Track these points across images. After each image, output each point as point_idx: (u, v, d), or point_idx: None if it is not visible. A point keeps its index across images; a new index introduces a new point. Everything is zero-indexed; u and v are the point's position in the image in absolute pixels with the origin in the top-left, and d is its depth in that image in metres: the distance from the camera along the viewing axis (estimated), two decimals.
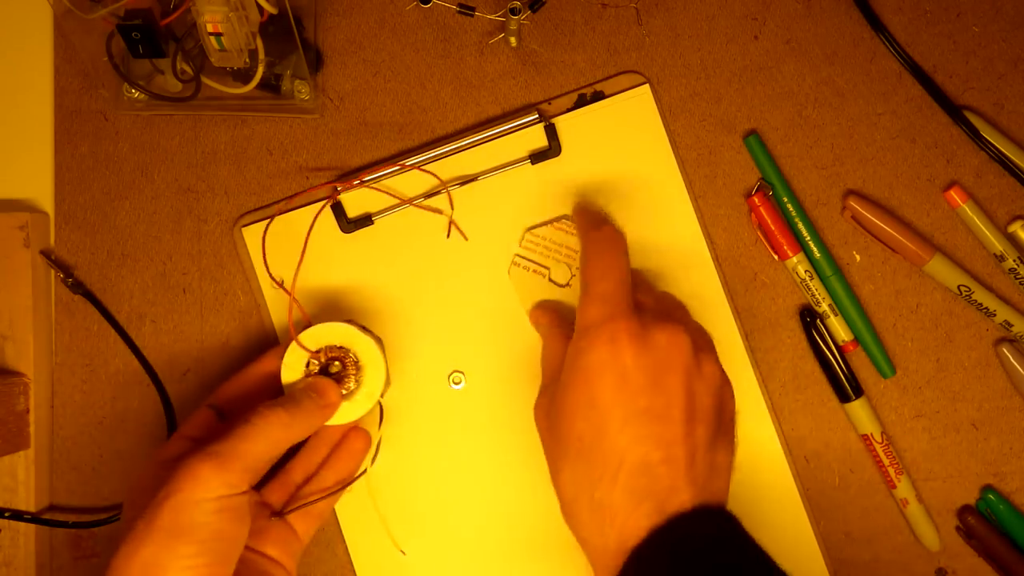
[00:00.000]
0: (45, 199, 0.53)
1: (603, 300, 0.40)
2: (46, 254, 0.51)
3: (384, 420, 0.50)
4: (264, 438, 0.40)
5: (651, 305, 0.43)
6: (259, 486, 0.46)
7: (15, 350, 0.50)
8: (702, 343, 0.42)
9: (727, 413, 0.41)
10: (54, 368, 0.52)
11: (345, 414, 0.45)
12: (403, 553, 0.50)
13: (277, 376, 0.45)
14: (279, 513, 0.46)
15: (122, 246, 0.52)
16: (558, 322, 0.47)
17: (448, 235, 0.50)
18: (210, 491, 0.38)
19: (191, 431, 0.45)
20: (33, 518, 0.50)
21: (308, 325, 0.46)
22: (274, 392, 0.45)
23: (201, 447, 0.39)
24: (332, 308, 0.50)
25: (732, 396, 0.42)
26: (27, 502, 0.50)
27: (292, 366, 0.45)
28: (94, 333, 0.52)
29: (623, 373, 0.38)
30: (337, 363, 0.45)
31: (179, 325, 0.52)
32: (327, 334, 0.46)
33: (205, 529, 0.38)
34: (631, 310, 0.40)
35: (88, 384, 0.52)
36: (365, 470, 0.49)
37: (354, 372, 0.46)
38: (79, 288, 0.51)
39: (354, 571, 0.50)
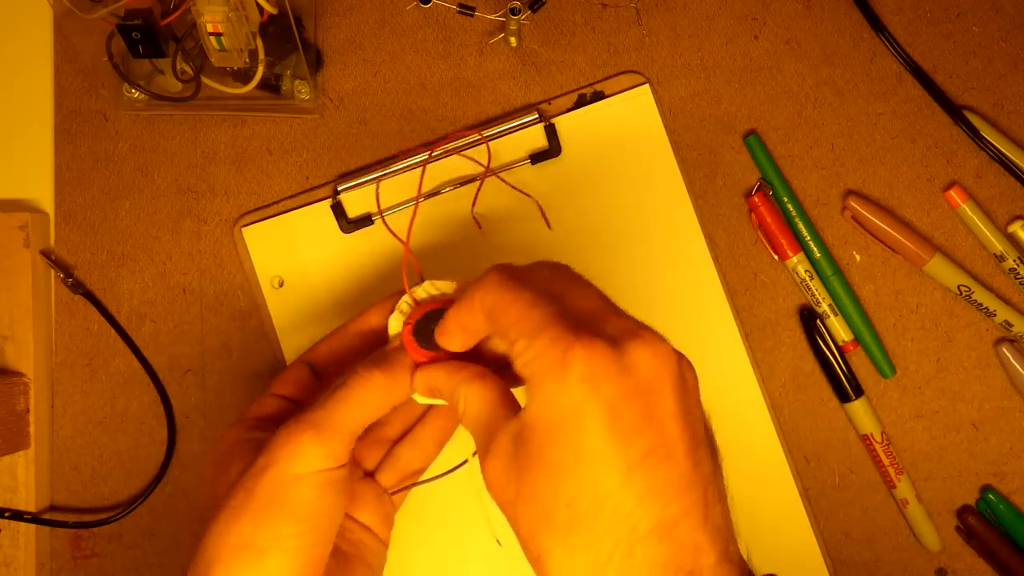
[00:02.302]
0: (45, 199, 0.53)
1: (543, 327, 0.31)
2: (46, 254, 0.51)
3: None
4: (363, 403, 0.36)
5: (603, 308, 0.33)
6: None
7: (15, 350, 0.50)
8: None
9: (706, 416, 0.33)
10: (54, 368, 0.52)
11: None
12: (499, 543, 0.48)
13: (378, 334, 0.41)
14: (385, 491, 0.42)
15: (122, 246, 0.52)
16: (467, 369, 0.36)
17: (548, 225, 0.49)
18: (312, 464, 0.34)
19: (284, 388, 0.41)
20: (33, 518, 0.50)
21: (421, 281, 0.40)
22: (374, 351, 0.41)
23: (296, 410, 0.36)
24: (332, 308, 0.50)
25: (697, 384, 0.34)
26: (27, 502, 0.50)
27: (399, 323, 0.40)
28: (94, 333, 0.52)
29: (611, 410, 0.29)
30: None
31: (179, 325, 0.52)
32: (439, 292, 0.40)
33: (306, 505, 0.34)
34: (588, 329, 0.31)
35: (88, 384, 0.52)
36: (466, 460, 0.42)
37: None
38: (79, 288, 0.51)
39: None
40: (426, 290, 0.40)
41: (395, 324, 0.39)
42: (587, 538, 0.29)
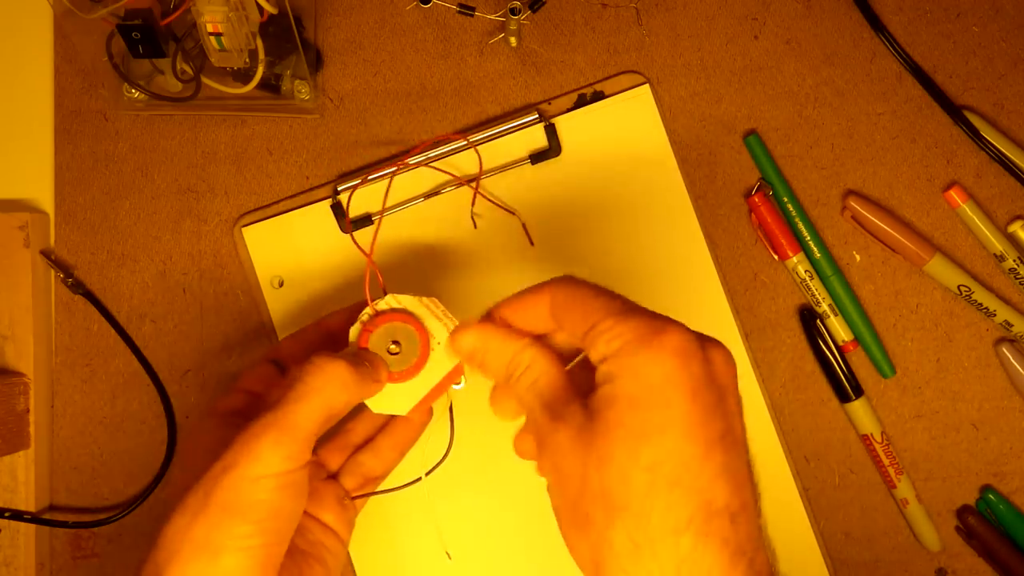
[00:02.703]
0: (45, 199, 0.53)
1: (629, 313, 0.33)
2: (46, 254, 0.51)
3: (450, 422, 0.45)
4: (321, 399, 0.37)
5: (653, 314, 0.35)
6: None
7: (15, 350, 0.50)
8: None
9: None
10: (54, 368, 0.52)
11: (394, 400, 0.41)
12: (449, 557, 0.49)
13: (341, 335, 0.42)
14: (348, 495, 0.44)
15: (122, 246, 0.52)
16: (527, 337, 0.37)
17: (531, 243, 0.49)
18: (270, 467, 0.35)
19: (250, 384, 0.42)
20: (33, 518, 0.50)
21: (385, 293, 0.42)
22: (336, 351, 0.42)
23: (259, 408, 0.37)
24: (332, 308, 0.50)
25: None
26: (27, 502, 0.50)
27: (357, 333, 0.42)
28: (94, 333, 0.52)
29: (697, 388, 0.31)
30: (395, 345, 0.41)
31: (179, 325, 0.52)
32: (400, 306, 0.42)
33: (263, 507, 0.35)
34: (671, 320, 0.33)
35: (88, 384, 0.52)
36: (420, 478, 0.45)
37: (416, 357, 0.41)
38: (79, 288, 0.51)
39: (354, 571, 0.50)
40: (388, 303, 0.42)
41: (355, 333, 0.41)
42: (665, 502, 0.29)
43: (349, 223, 0.50)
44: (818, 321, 0.50)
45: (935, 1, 0.50)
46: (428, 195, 0.50)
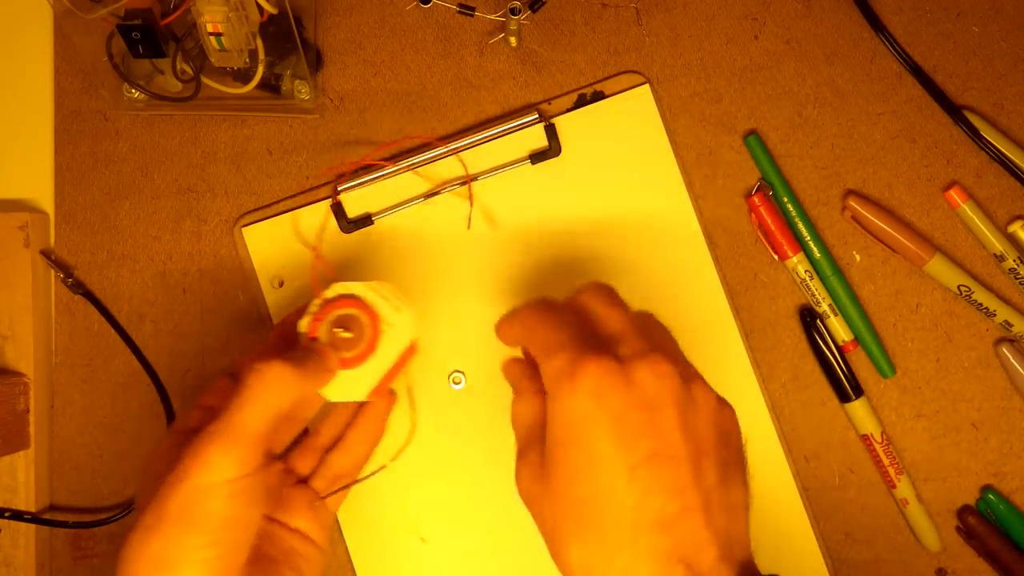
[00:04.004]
0: (45, 199, 0.53)
1: (561, 347, 0.35)
2: (46, 254, 0.51)
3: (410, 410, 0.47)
4: (263, 400, 0.37)
5: (625, 333, 0.37)
6: (283, 453, 0.45)
7: (15, 350, 0.50)
8: (690, 371, 0.37)
9: (733, 441, 0.38)
10: (54, 368, 0.52)
11: (350, 386, 0.42)
12: (423, 541, 0.50)
13: (295, 337, 0.42)
14: (318, 495, 0.44)
15: (122, 246, 0.52)
16: (529, 375, 0.40)
17: (468, 226, 0.50)
18: (220, 474, 0.35)
19: (209, 400, 0.42)
20: (33, 518, 0.50)
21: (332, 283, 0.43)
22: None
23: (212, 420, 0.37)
24: None
25: (735, 421, 0.38)
26: (27, 502, 0.50)
27: (307, 323, 0.42)
28: (94, 333, 0.52)
29: (616, 418, 0.33)
30: (343, 330, 0.42)
31: (179, 325, 0.52)
32: (349, 292, 0.42)
33: (217, 516, 0.35)
34: (597, 349, 0.35)
35: (88, 384, 0.52)
36: (384, 466, 0.46)
37: (367, 340, 0.42)
38: (79, 288, 0.51)
39: (354, 571, 0.50)
40: (335, 291, 0.42)
41: (304, 324, 0.42)
42: (599, 530, 0.33)
43: (349, 223, 0.50)
44: (818, 321, 0.50)
45: (935, 1, 0.50)
46: (428, 195, 0.50)
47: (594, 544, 0.33)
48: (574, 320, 0.37)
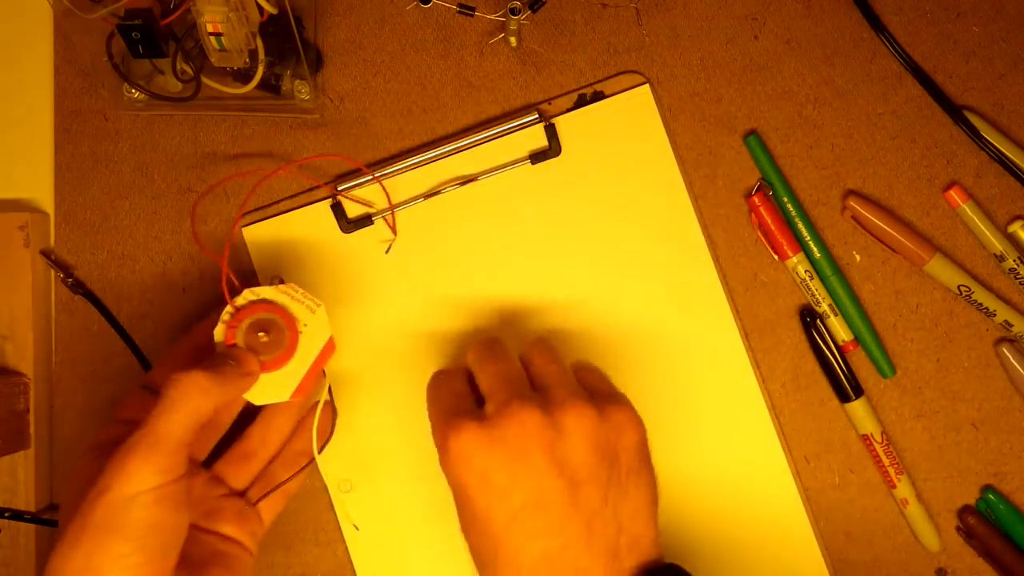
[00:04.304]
0: (45, 199, 0.53)
1: (436, 419, 0.40)
2: (46, 254, 0.51)
3: (332, 396, 0.48)
4: (184, 409, 0.38)
5: (498, 384, 0.40)
6: (209, 461, 0.46)
7: (15, 350, 0.50)
8: (562, 392, 0.39)
9: (622, 449, 0.39)
10: (54, 368, 0.52)
11: (273, 388, 0.43)
12: (356, 528, 0.50)
13: (211, 343, 0.43)
14: (249, 502, 0.45)
15: (122, 246, 0.52)
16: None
17: (388, 251, 0.50)
18: (143, 483, 0.36)
19: (126, 414, 0.43)
20: (33, 518, 0.50)
21: (240, 290, 0.44)
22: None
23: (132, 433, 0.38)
24: (332, 308, 0.50)
25: (622, 425, 0.39)
26: (27, 502, 0.50)
27: (222, 332, 0.43)
28: (94, 333, 0.52)
29: (483, 479, 0.37)
30: (263, 334, 0.43)
31: (179, 325, 0.52)
32: (259, 298, 0.44)
33: (140, 525, 0.35)
34: (460, 417, 0.38)
35: (88, 384, 0.52)
36: (312, 459, 0.47)
37: (286, 342, 0.43)
38: (79, 288, 0.51)
39: (354, 571, 0.50)
40: (245, 297, 0.43)
41: (219, 332, 0.43)
42: (494, 572, 0.37)
43: (349, 223, 0.50)
44: (818, 321, 0.50)
45: (935, 1, 0.50)
46: (428, 195, 0.50)
47: None
48: (458, 387, 0.41)
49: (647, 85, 0.50)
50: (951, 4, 0.50)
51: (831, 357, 0.49)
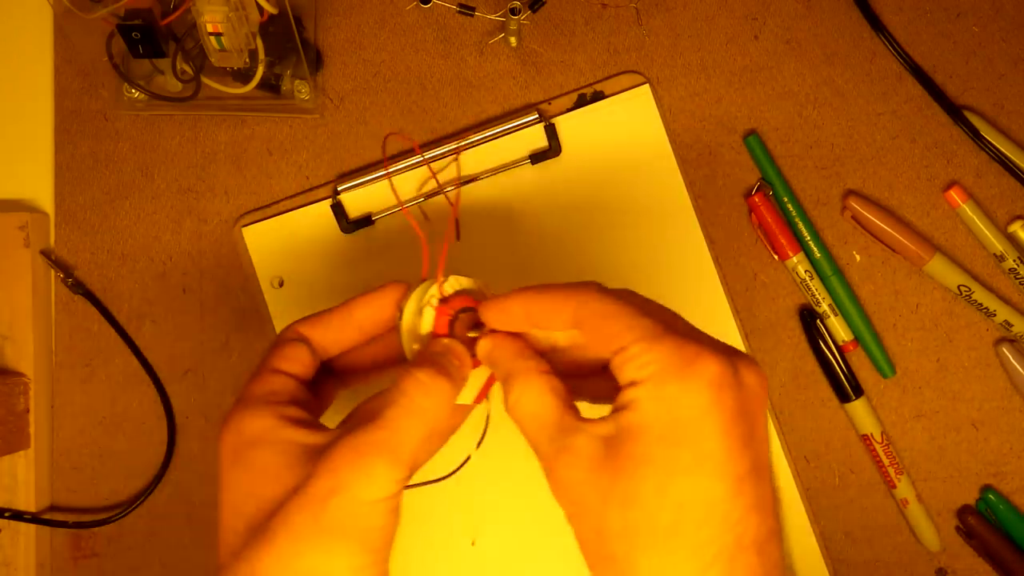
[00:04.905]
0: (45, 199, 0.53)
1: (660, 336, 0.31)
2: (46, 254, 0.51)
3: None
4: (426, 418, 0.33)
5: (686, 329, 0.34)
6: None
7: (15, 350, 0.50)
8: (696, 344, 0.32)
9: None
10: (54, 368, 0.52)
11: (463, 391, 0.36)
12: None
13: (381, 325, 0.38)
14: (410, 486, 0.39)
15: (122, 246, 0.52)
16: (528, 355, 0.35)
17: (458, 237, 0.49)
18: (384, 490, 0.32)
19: (288, 366, 0.37)
20: (33, 518, 0.50)
21: (429, 279, 0.37)
22: (376, 342, 0.39)
23: (302, 389, 0.34)
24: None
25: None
26: (27, 502, 0.50)
27: (431, 320, 0.37)
28: (94, 333, 0.52)
29: (730, 423, 0.29)
30: (474, 332, 0.36)
31: (179, 325, 0.52)
32: (463, 288, 0.38)
33: (378, 534, 0.31)
34: (715, 344, 0.32)
35: (88, 384, 0.52)
36: (469, 457, 0.40)
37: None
38: (79, 288, 0.51)
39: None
40: (452, 286, 0.37)
41: (429, 320, 0.36)
42: (693, 541, 0.29)
43: (349, 223, 0.50)
44: (818, 321, 0.50)
45: (935, 1, 0.50)
46: (428, 195, 0.50)
47: (682, 556, 0.29)
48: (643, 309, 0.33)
49: (647, 85, 0.50)
50: (951, 4, 0.50)
51: (831, 357, 0.49)
